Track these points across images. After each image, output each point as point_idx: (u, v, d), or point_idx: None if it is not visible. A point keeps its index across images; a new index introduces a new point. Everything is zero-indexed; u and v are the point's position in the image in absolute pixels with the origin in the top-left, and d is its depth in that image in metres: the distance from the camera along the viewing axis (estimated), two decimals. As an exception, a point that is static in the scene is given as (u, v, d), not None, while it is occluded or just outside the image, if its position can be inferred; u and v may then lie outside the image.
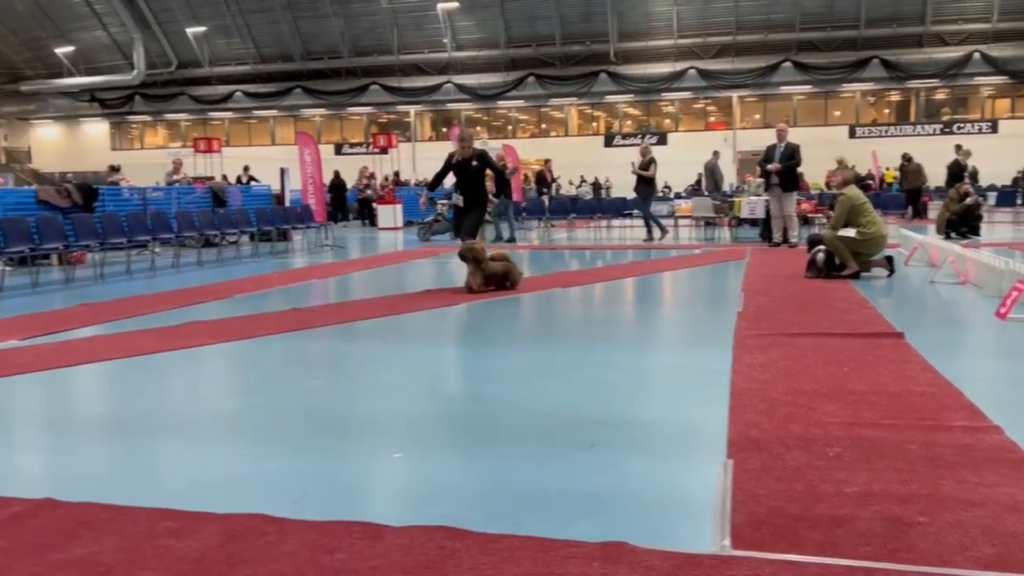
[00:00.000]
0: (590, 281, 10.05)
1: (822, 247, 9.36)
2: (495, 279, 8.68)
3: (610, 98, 38.26)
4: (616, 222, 18.99)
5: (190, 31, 37.68)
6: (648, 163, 15.52)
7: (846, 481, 3.06)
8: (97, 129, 44.79)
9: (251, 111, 41.62)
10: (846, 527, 2.66)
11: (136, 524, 2.77)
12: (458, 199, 9.55)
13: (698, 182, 26.83)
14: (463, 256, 8.58)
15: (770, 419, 3.88)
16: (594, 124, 40.68)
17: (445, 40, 36.83)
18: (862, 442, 3.50)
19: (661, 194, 21.78)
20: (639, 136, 37.33)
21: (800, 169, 13.96)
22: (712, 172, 19.12)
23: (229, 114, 42.07)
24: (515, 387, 4.76)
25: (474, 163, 9.37)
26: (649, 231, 15.80)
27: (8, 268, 10.99)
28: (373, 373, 5.20)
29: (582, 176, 35.13)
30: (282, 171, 18.93)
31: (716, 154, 20.60)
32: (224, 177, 21.28)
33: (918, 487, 2.98)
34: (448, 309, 7.85)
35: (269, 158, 36.18)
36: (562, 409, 4.20)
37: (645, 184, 15.62)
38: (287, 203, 18.38)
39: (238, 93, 39.91)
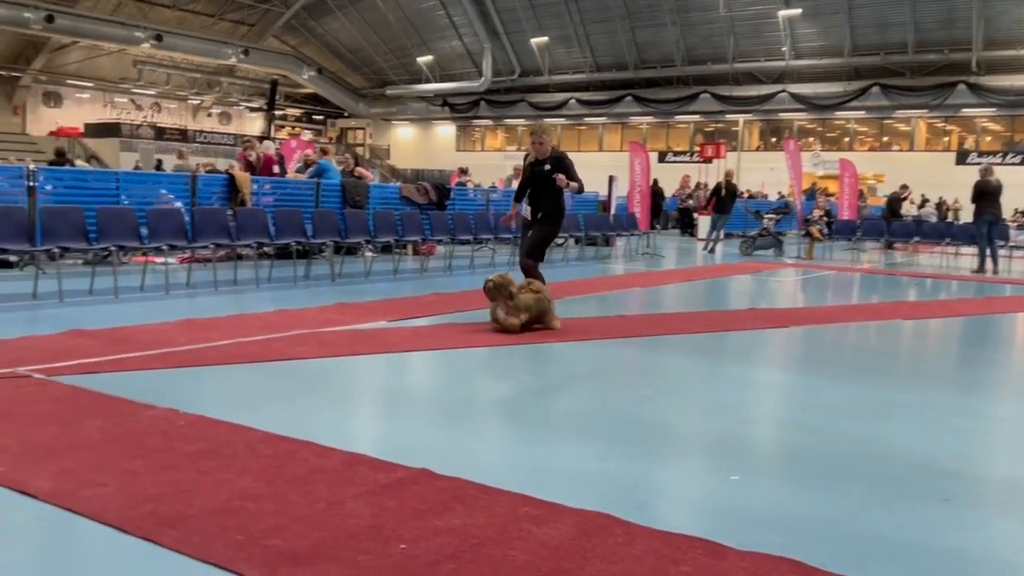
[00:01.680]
0: (931, 315, 9.27)
1: None
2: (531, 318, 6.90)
3: (967, 111, 34.65)
4: (965, 250, 17.23)
5: (534, 41, 40.00)
6: None
7: None
8: (445, 131, 49.11)
9: (582, 118, 43.26)
10: None
11: (501, 505, 3.09)
12: (526, 211, 7.92)
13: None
14: (486, 290, 6.92)
15: None
16: (945, 139, 37.10)
17: (784, 48, 35.61)
18: None
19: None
20: (1002, 155, 33.43)
21: None
22: None
23: (562, 120, 44.06)
24: (854, 424, 4.57)
25: (547, 167, 7.54)
26: (982, 262, 14.41)
27: (373, 255, 12.49)
28: (698, 389, 5.26)
29: (924, 195, 32.23)
30: (610, 179, 19.52)
31: None
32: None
33: None
34: (770, 332, 7.67)
35: (596, 164, 37.47)
36: (909, 454, 3.98)
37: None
38: (613, 210, 18.91)
39: (572, 101, 41.67)
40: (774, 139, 38.85)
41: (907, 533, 3.01)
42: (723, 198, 17.44)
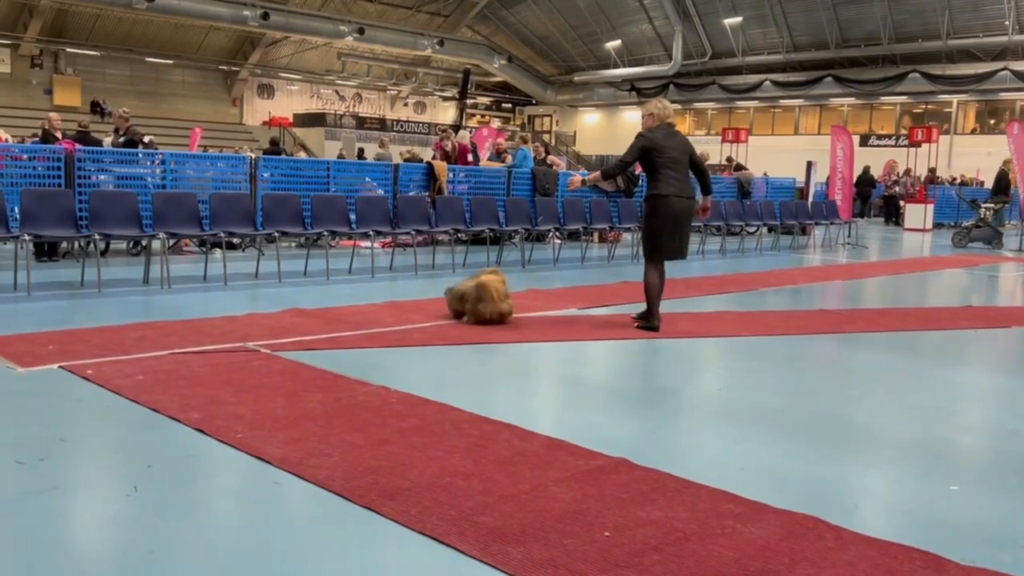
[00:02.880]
0: None
1: None
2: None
3: None
4: None
5: (727, 22, 38.82)
6: None
7: None
8: (632, 116, 48.67)
9: (777, 100, 41.60)
10: None
11: (702, 500, 3.07)
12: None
13: None
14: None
15: None
16: None
17: (1007, 22, 32.60)
18: None
19: None
20: None
21: None
22: None
23: (755, 103, 42.57)
24: (1091, 436, 4.17)
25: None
26: None
27: (561, 241, 12.64)
28: (910, 391, 4.97)
29: None
30: (809, 164, 18.67)
31: None
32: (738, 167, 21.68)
33: None
34: (989, 331, 7.10)
35: (792, 148, 35.95)
36: None
37: None
38: (811, 197, 18.10)
39: (767, 82, 40.15)
40: (992, 121, 35.74)
41: None
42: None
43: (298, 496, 3.05)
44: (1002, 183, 17.20)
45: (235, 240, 10.14)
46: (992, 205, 16.96)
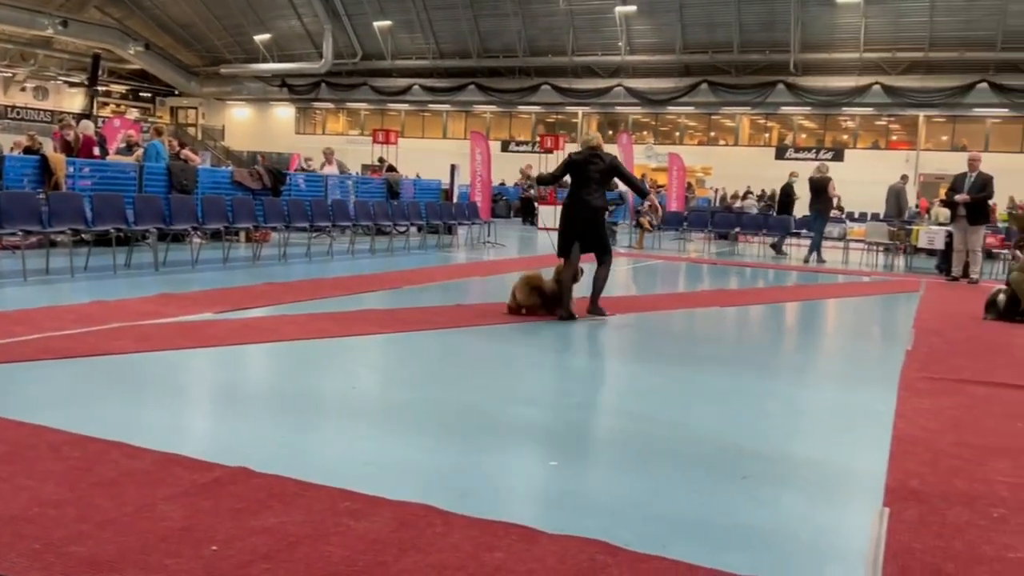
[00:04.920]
0: (748, 302, 9.90)
1: (1004, 287, 8.83)
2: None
3: (786, 110, 37.07)
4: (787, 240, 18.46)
5: (377, 24, 39.45)
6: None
7: (1010, 546, 2.98)
8: (284, 113, 47.65)
9: (426, 104, 43.11)
10: (1006, 595, 2.61)
11: (320, 501, 3.07)
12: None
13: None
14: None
15: (933, 470, 3.79)
16: (766, 135, 39.54)
17: (620, 43, 36.81)
18: (1032, 507, 3.38)
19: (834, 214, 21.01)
20: (814, 151, 35.99)
21: (991, 201, 13.22)
22: (897, 197, 18.21)
23: (406, 106, 43.74)
24: (667, 408, 4.84)
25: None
26: (816, 253, 15.53)
27: (202, 242, 11.99)
28: (531, 378, 5.41)
29: (748, 187, 34.27)
30: (452, 168, 19.61)
31: (904, 178, 19.66)
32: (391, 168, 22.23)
33: (1090, 563, 2.87)
34: (608, 319, 7.97)
35: (441, 151, 37.44)
36: (716, 436, 4.25)
37: (826, 204, 15.70)
38: (455, 198, 19.01)
39: (416, 86, 41.45)
40: (611, 132, 40.11)
41: (707, 511, 3.23)
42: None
43: None
44: (789, 196, 18.14)
45: None
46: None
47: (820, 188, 15.71)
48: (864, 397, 5.31)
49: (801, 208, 18.13)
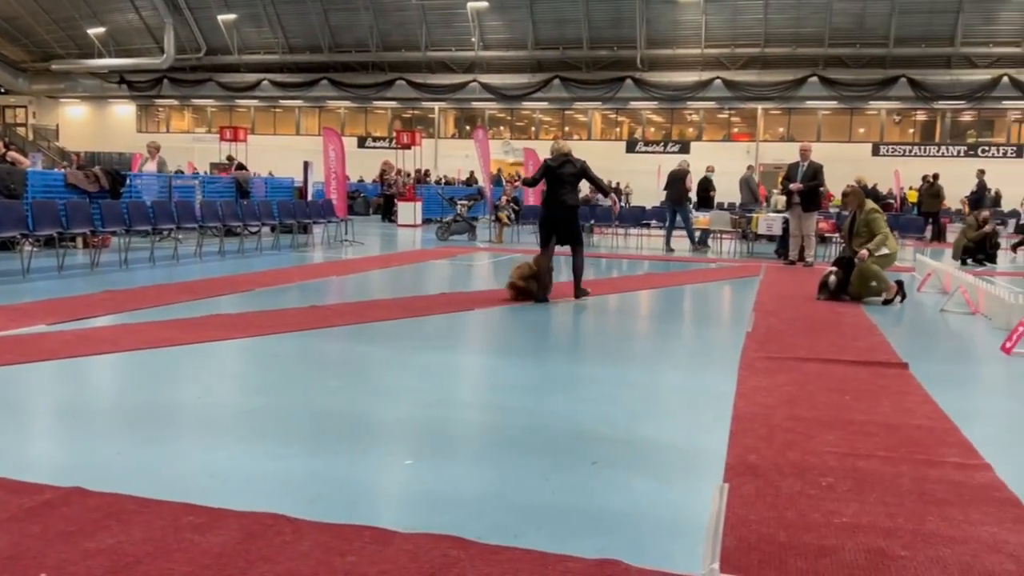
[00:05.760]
0: (601, 292, 10.18)
1: (834, 269, 9.45)
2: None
3: (634, 104, 38.36)
4: (634, 231, 19.09)
5: (221, 18, 38.05)
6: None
7: (836, 512, 3.20)
8: (124, 111, 45.28)
9: (277, 100, 41.98)
10: (831, 557, 2.80)
11: (161, 517, 2.94)
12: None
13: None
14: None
15: (769, 445, 4.01)
16: (617, 129, 40.77)
17: (473, 39, 37.00)
18: (855, 473, 3.63)
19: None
20: (662, 144, 37.37)
21: (823, 188, 14.13)
22: (748, 185, 19.13)
23: (255, 102, 42.44)
24: (523, 399, 4.92)
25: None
26: (696, 238, 16.25)
27: (35, 249, 11.24)
28: (387, 377, 5.37)
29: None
30: (305, 165, 19.15)
31: (751, 168, 20.67)
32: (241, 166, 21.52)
33: (904, 521, 3.12)
34: (462, 315, 8.01)
35: (294, 148, 36.55)
36: (568, 423, 4.35)
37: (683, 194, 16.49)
38: (310, 196, 18.59)
39: (265, 82, 40.29)
40: (468, 127, 40.31)
41: (559, 498, 3.30)
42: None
43: None
44: (708, 190, 18.23)
45: None
46: (467, 202, 19.12)
47: (679, 179, 16.40)
48: (708, 379, 5.56)
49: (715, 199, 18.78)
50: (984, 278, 10.45)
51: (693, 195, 17.63)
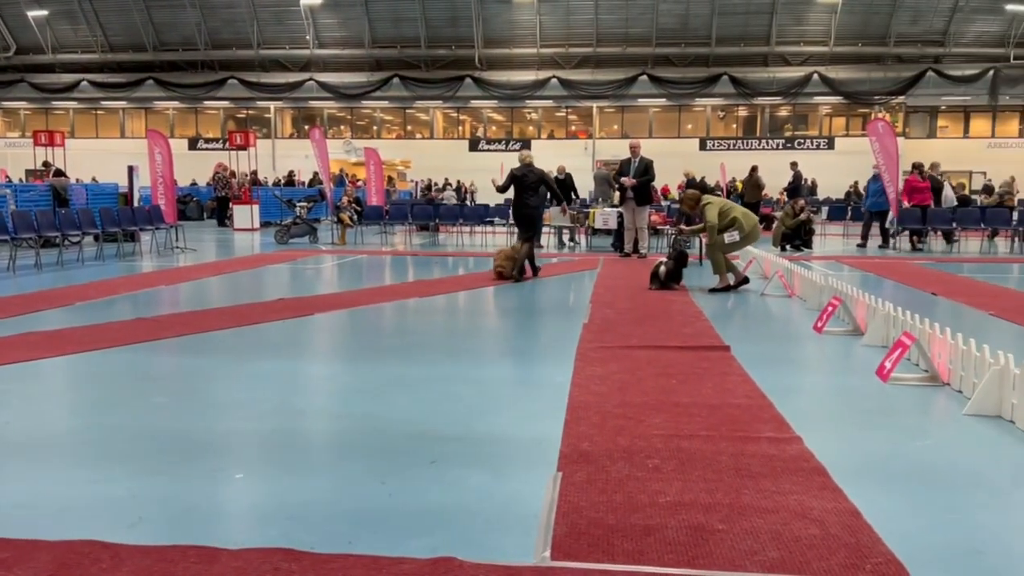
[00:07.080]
0: (445, 291, 10.21)
1: (664, 260, 9.88)
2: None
3: (475, 103, 38.67)
4: (479, 228, 19.26)
5: (31, 14, 35.46)
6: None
7: (661, 492, 3.35)
8: (-76, 112, 41.44)
9: (99, 102, 39.56)
10: (655, 536, 2.93)
11: (-41, 556, 2.71)
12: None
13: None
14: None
15: (601, 432, 4.15)
16: (459, 128, 40.96)
17: (308, 37, 36.19)
18: (679, 453, 3.82)
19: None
20: (504, 142, 37.87)
21: (653, 184, 14.71)
22: (606, 181, 19.60)
23: (74, 104, 39.84)
24: (362, 403, 4.86)
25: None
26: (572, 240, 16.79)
27: None
28: (218, 389, 5.18)
29: (446, 179, 35.33)
30: (130, 169, 18.12)
31: (602, 163, 21.24)
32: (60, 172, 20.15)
33: (722, 496, 3.30)
34: (301, 320, 7.83)
35: (119, 151, 34.53)
36: (407, 425, 4.34)
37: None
38: (136, 203, 17.63)
39: (84, 82, 37.89)
40: (307, 126, 39.40)
41: (396, 500, 3.29)
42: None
43: None
44: (610, 183, 18.09)
45: None
46: (306, 204, 18.69)
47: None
48: (545, 371, 5.69)
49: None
50: (800, 263, 11.23)
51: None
